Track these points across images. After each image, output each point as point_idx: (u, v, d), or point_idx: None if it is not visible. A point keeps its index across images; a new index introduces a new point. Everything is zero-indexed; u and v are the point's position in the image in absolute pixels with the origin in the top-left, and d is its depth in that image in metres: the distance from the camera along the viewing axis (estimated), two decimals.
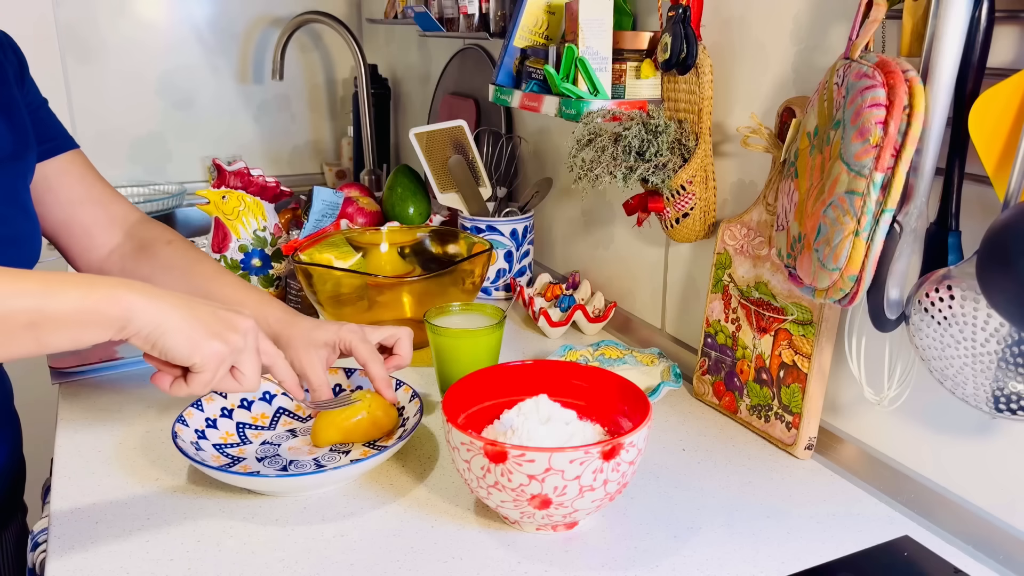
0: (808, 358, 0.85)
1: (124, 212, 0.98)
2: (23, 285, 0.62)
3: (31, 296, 0.62)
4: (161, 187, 2.14)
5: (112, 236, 0.96)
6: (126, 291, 0.65)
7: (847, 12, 0.81)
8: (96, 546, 0.73)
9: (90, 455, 0.88)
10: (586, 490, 0.69)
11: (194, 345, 0.67)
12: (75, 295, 0.63)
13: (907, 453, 0.80)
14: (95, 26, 2.03)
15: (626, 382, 0.81)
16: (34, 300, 0.62)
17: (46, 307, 0.62)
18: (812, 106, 0.75)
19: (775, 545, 0.73)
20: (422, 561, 0.71)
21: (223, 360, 0.69)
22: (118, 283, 0.66)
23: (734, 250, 0.96)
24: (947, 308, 0.64)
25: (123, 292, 0.65)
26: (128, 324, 0.65)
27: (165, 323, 0.66)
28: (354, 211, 1.51)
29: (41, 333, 0.63)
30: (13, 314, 0.61)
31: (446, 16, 1.44)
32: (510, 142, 1.51)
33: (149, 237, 0.97)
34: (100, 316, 0.64)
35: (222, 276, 0.93)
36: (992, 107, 0.61)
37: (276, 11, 2.21)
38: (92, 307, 0.64)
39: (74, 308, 0.63)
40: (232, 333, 0.70)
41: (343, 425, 0.87)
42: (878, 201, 0.65)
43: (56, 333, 0.63)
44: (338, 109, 2.37)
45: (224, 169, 1.24)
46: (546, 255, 1.48)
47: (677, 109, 1.00)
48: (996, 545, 0.71)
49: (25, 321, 0.62)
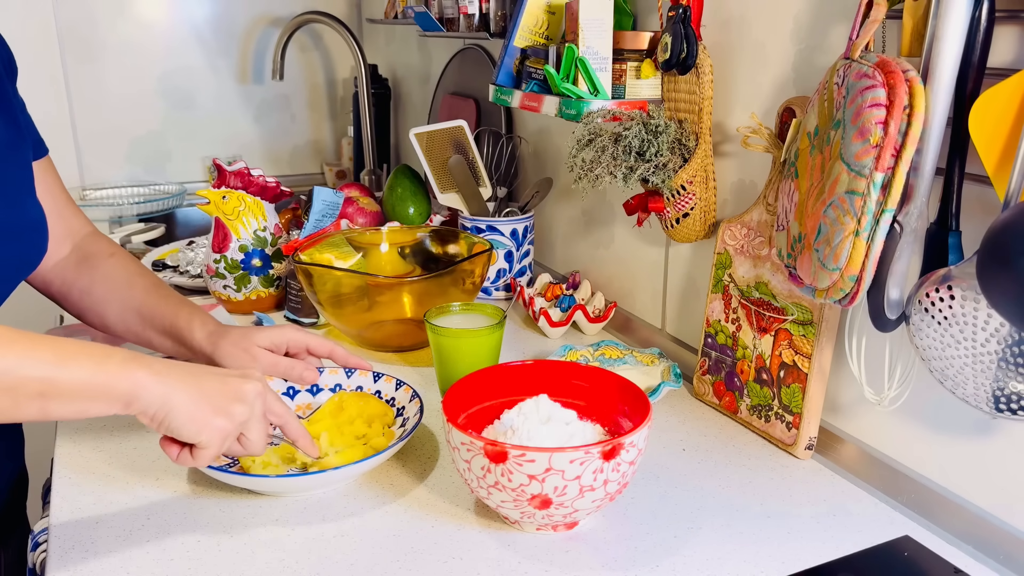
0: (808, 358, 0.85)
1: (79, 225, 0.99)
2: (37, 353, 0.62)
3: (44, 366, 0.62)
4: (161, 187, 2.14)
5: (62, 248, 0.97)
6: (137, 367, 0.66)
7: (847, 12, 0.81)
8: (96, 546, 0.73)
9: (90, 455, 0.88)
10: (586, 490, 0.69)
11: (199, 425, 0.68)
12: (87, 368, 0.63)
13: (907, 453, 0.80)
14: (95, 26, 2.03)
15: (626, 382, 0.81)
16: (46, 370, 0.62)
17: (57, 378, 0.62)
18: (812, 106, 0.75)
19: (775, 545, 0.73)
20: (422, 561, 0.71)
21: (228, 435, 0.70)
22: (130, 358, 0.66)
23: (734, 250, 0.96)
24: (947, 308, 0.64)
25: (134, 368, 0.65)
26: (134, 402, 0.65)
27: (171, 403, 0.66)
28: (354, 211, 1.51)
29: (48, 403, 0.63)
30: (24, 382, 0.61)
31: (446, 16, 1.44)
32: (510, 142, 1.51)
33: (94, 250, 0.97)
34: (109, 391, 0.64)
35: (158, 290, 0.94)
36: (992, 107, 0.61)
37: (276, 11, 2.21)
38: (102, 382, 0.64)
39: (85, 382, 0.63)
40: (238, 405, 0.70)
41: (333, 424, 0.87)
42: (878, 201, 0.65)
43: (63, 404, 0.63)
44: (338, 109, 2.37)
45: (224, 169, 1.24)
46: (546, 255, 1.48)
47: (677, 109, 1.00)
48: (996, 545, 0.71)
49: (35, 390, 0.62)
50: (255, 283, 1.27)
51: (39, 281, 0.96)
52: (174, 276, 1.41)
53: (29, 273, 0.90)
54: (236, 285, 1.26)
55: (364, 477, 0.84)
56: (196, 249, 1.53)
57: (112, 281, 0.94)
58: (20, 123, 0.90)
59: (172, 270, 1.45)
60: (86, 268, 0.96)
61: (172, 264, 1.48)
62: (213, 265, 1.26)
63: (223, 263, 1.25)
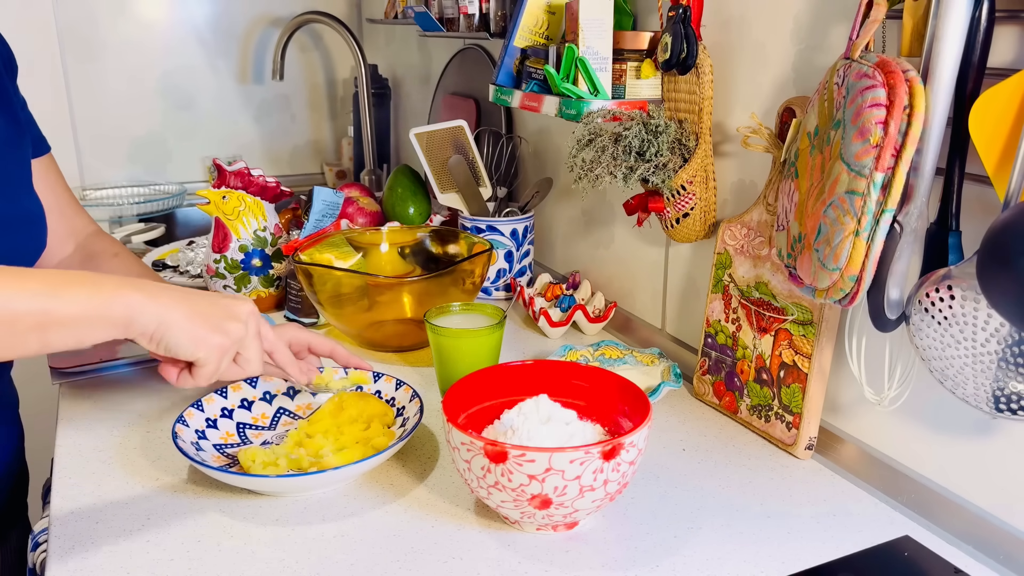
0: (808, 358, 0.85)
1: (82, 224, 0.99)
2: (29, 286, 0.62)
3: (37, 297, 0.62)
4: (161, 187, 2.14)
5: (65, 246, 0.97)
6: (130, 290, 0.66)
7: (847, 12, 0.81)
8: (96, 546, 0.73)
9: (90, 455, 0.88)
10: (586, 490, 0.69)
11: (197, 341, 0.68)
12: (81, 296, 0.64)
13: (907, 453, 0.80)
14: (95, 26, 2.03)
15: (626, 382, 0.81)
16: (40, 301, 0.62)
17: (52, 308, 0.63)
18: (812, 106, 0.75)
19: (775, 545, 0.73)
20: (422, 561, 0.71)
21: (226, 351, 0.71)
22: (122, 282, 0.66)
23: (734, 250, 0.96)
24: (947, 308, 0.64)
25: (127, 291, 0.65)
26: (132, 323, 0.65)
27: (167, 321, 0.67)
28: (354, 211, 1.51)
29: (47, 334, 0.63)
30: (20, 315, 0.62)
31: (446, 16, 1.44)
32: (510, 142, 1.51)
33: (97, 249, 0.98)
34: (105, 316, 0.64)
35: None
36: (992, 107, 0.61)
37: (276, 11, 2.21)
38: (97, 308, 0.64)
39: (80, 309, 0.63)
40: (233, 322, 0.71)
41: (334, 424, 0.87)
42: (878, 201, 0.65)
43: (62, 333, 0.63)
44: (338, 109, 2.37)
45: (224, 169, 1.24)
46: (546, 255, 1.48)
47: (677, 109, 1.00)
48: (996, 545, 0.71)
49: (32, 322, 0.62)
50: (255, 283, 1.27)
51: None
52: (174, 276, 1.41)
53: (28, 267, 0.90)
54: (236, 285, 1.26)
55: (364, 477, 0.84)
56: (196, 249, 1.53)
57: None
58: (20, 120, 0.90)
59: (172, 270, 1.45)
60: (90, 267, 0.96)
61: (172, 264, 1.48)
62: (213, 265, 1.26)
63: (223, 263, 1.25)
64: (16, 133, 0.88)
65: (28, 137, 0.92)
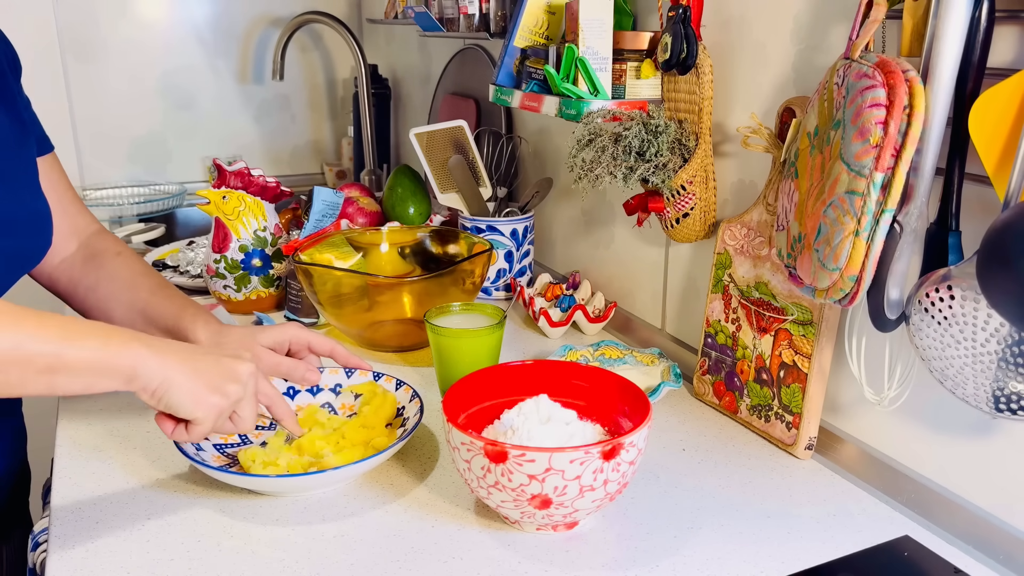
0: (808, 358, 0.85)
1: (85, 223, 1.00)
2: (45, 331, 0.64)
3: (52, 342, 0.64)
4: (161, 187, 2.14)
5: (68, 245, 0.98)
6: (138, 345, 0.68)
7: (847, 12, 0.81)
8: (96, 546, 0.73)
9: (90, 455, 0.88)
10: (586, 490, 0.69)
11: (197, 401, 0.71)
12: (93, 345, 0.66)
13: (907, 453, 0.80)
14: (95, 26, 2.03)
15: (626, 382, 0.81)
16: (54, 346, 0.64)
17: (65, 354, 0.64)
18: (812, 106, 0.75)
19: (775, 545, 0.73)
20: (422, 561, 0.71)
21: (222, 412, 0.73)
22: (132, 336, 0.69)
23: (734, 250, 0.96)
24: (947, 308, 0.64)
25: (135, 346, 0.68)
26: (136, 378, 0.68)
27: (170, 379, 0.69)
28: (354, 211, 1.51)
29: (55, 377, 0.65)
30: (32, 357, 0.63)
31: (446, 16, 1.44)
32: (510, 142, 1.51)
33: (100, 248, 0.98)
34: (112, 367, 0.66)
35: (163, 290, 0.95)
36: (992, 107, 0.61)
37: (276, 11, 2.21)
38: (106, 358, 0.66)
39: (91, 358, 0.65)
40: (232, 384, 0.73)
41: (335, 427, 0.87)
42: (878, 201, 0.65)
43: (69, 379, 0.65)
44: (338, 109, 2.37)
45: (224, 169, 1.24)
46: (546, 255, 1.48)
47: (677, 109, 1.00)
48: (996, 545, 0.71)
49: (43, 365, 0.64)
50: (255, 283, 1.27)
51: (45, 278, 0.97)
52: (174, 276, 1.41)
53: (32, 266, 0.91)
54: (236, 285, 1.26)
55: (364, 477, 0.84)
56: (196, 249, 1.53)
57: (117, 280, 0.95)
58: (24, 119, 0.91)
59: (172, 270, 1.45)
60: (92, 266, 0.96)
61: (172, 264, 1.48)
62: (213, 265, 1.26)
63: (223, 263, 1.25)
64: (21, 132, 0.89)
65: (33, 137, 0.92)
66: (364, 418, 0.89)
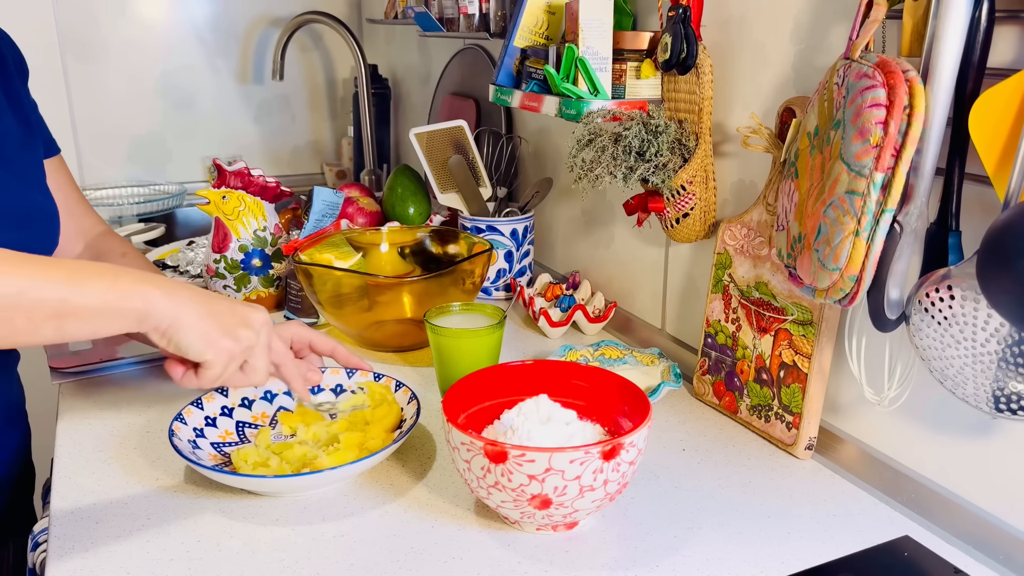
0: (808, 358, 0.85)
1: (91, 224, 1.00)
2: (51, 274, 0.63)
3: (58, 286, 0.63)
4: (161, 187, 2.14)
5: (74, 246, 0.98)
6: (148, 285, 0.66)
7: (847, 12, 0.81)
8: (96, 546, 0.73)
9: (90, 455, 0.88)
10: (586, 490, 0.69)
11: (208, 342, 0.69)
12: (100, 287, 0.64)
13: (907, 453, 0.80)
14: (95, 26, 2.03)
15: (626, 382, 0.81)
16: (60, 290, 0.63)
17: (72, 298, 0.63)
18: (812, 106, 0.75)
19: (775, 545, 0.73)
20: (422, 561, 0.71)
21: (233, 357, 0.71)
22: (140, 277, 0.67)
23: (734, 250, 0.96)
24: (947, 308, 0.64)
25: (145, 286, 0.66)
26: (147, 318, 0.66)
27: (181, 319, 0.67)
28: (354, 211, 1.51)
29: (64, 322, 0.63)
30: (39, 303, 0.62)
31: (446, 16, 1.44)
32: (510, 142, 1.51)
33: (106, 248, 0.98)
34: (122, 309, 0.65)
35: None
36: (992, 107, 0.61)
37: (276, 11, 2.21)
38: (115, 300, 0.65)
39: (99, 300, 0.64)
40: (246, 329, 0.71)
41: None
42: (878, 201, 0.65)
43: (78, 323, 0.64)
44: (338, 109, 2.37)
45: (224, 169, 1.24)
46: (546, 255, 1.48)
47: (677, 109, 1.00)
48: (996, 545, 0.71)
49: (50, 311, 0.62)
50: (255, 283, 1.27)
51: None
52: (174, 276, 1.42)
53: None
54: (236, 285, 1.26)
55: (363, 477, 0.84)
56: (196, 249, 1.53)
57: None
58: (32, 122, 0.91)
59: (172, 270, 1.45)
60: None
61: (172, 264, 1.48)
62: (213, 265, 1.26)
63: (223, 263, 1.25)
64: (28, 134, 0.89)
65: (40, 139, 0.93)
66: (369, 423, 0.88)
